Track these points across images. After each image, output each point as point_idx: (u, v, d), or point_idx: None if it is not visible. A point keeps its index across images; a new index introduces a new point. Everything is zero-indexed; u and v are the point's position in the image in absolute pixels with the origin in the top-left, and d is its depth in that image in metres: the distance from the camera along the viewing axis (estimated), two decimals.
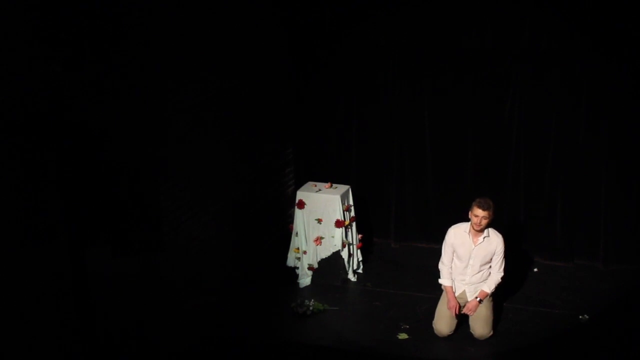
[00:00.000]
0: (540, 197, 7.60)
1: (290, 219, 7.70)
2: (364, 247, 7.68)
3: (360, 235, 7.58)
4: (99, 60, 5.12)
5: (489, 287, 6.34)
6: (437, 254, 7.89)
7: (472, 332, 6.35)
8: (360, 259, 7.60)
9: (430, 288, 7.23)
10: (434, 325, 6.43)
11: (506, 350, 6.26)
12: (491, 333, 6.33)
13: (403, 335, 6.46)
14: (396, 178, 7.99)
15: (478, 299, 6.32)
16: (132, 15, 5.30)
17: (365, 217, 7.99)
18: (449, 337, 6.39)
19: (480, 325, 6.31)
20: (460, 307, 6.35)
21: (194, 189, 6.40)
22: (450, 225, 7.90)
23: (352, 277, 7.44)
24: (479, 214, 6.18)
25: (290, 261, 7.56)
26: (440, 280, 6.47)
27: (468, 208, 7.82)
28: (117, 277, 5.53)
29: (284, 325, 6.66)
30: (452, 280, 6.44)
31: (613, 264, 7.51)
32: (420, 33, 7.50)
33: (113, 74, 5.19)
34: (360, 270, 7.59)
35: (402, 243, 8.17)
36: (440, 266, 6.49)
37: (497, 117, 7.52)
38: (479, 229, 6.24)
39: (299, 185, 7.74)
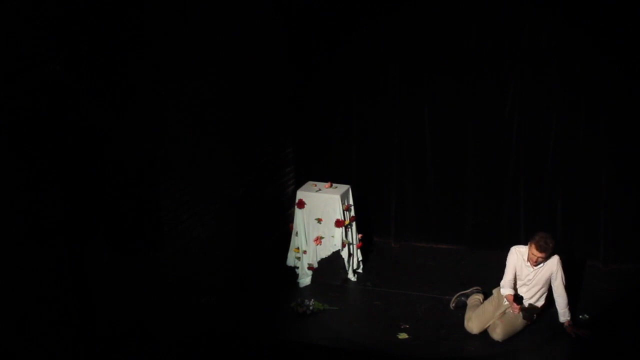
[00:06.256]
0: (540, 197, 7.60)
1: (290, 219, 7.71)
2: (364, 246, 7.69)
3: (360, 235, 7.58)
4: (99, 60, 5.13)
5: (566, 316, 6.38)
6: (437, 254, 7.97)
7: (489, 328, 6.37)
8: (360, 258, 7.60)
9: (430, 288, 7.25)
10: (467, 321, 6.46)
11: (506, 350, 6.27)
12: (501, 341, 6.34)
13: (403, 335, 6.46)
14: (396, 178, 7.99)
15: (568, 324, 6.38)
16: (132, 15, 5.30)
17: (365, 217, 7.99)
18: (447, 337, 6.41)
19: (505, 330, 6.32)
20: (519, 307, 6.39)
21: (194, 189, 6.40)
22: (450, 224, 8.00)
23: (352, 276, 7.44)
24: (535, 253, 6.22)
25: (290, 261, 7.56)
26: (502, 291, 6.48)
27: (468, 207, 7.89)
28: (117, 277, 5.54)
29: (284, 325, 6.66)
30: (513, 290, 6.48)
31: (613, 264, 7.51)
32: (420, 33, 7.50)
33: (113, 74, 5.20)
34: (360, 270, 7.60)
35: (402, 243, 8.17)
36: (502, 283, 6.50)
37: (497, 117, 7.51)
38: (534, 264, 6.30)
39: (299, 185, 7.74)
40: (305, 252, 7.37)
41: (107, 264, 5.45)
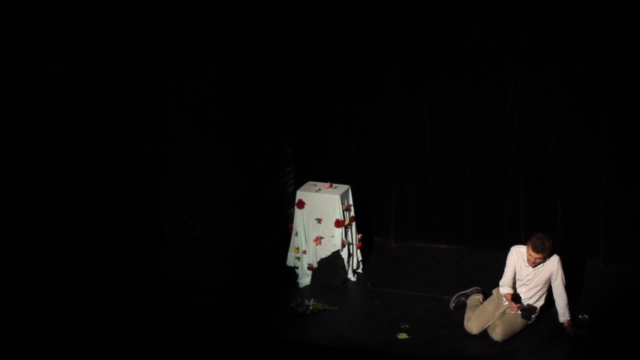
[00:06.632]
0: (540, 197, 7.60)
1: (290, 219, 7.71)
2: (364, 246, 7.69)
3: (360, 235, 7.58)
4: (99, 60, 5.13)
5: (566, 316, 6.39)
6: (437, 254, 7.97)
7: (489, 328, 6.37)
8: (360, 258, 7.60)
9: (430, 288, 7.25)
10: (466, 321, 6.46)
11: (506, 350, 6.27)
12: (500, 341, 6.35)
13: (403, 335, 6.46)
14: (396, 178, 7.99)
15: (568, 324, 6.39)
16: (132, 15, 5.30)
17: (365, 217, 7.99)
18: (447, 337, 6.42)
19: (505, 331, 6.31)
20: (518, 306, 6.39)
21: (194, 189, 6.40)
22: (450, 224, 8.00)
23: (352, 276, 7.44)
24: (532, 255, 6.22)
25: (290, 261, 7.56)
26: (500, 290, 6.48)
27: (468, 207, 7.89)
28: (117, 277, 5.54)
29: (284, 325, 6.66)
30: (512, 289, 6.47)
31: (613, 264, 7.51)
32: (420, 33, 7.50)
33: (113, 74, 5.20)
34: (360, 270, 7.60)
35: (402, 243, 8.17)
36: (501, 282, 6.49)
37: (497, 117, 7.51)
38: (532, 265, 6.30)
39: (299, 185, 7.74)
40: (305, 252, 7.37)
41: (107, 264, 5.45)
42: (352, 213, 7.47)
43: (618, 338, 6.34)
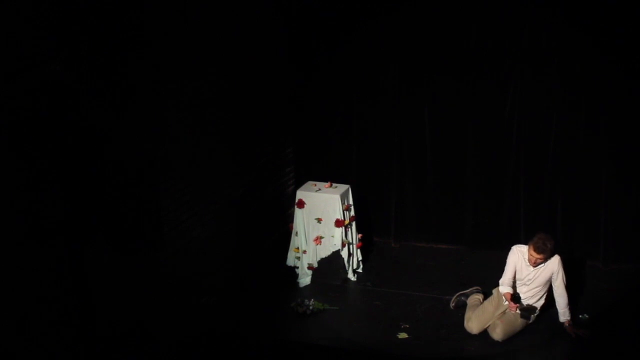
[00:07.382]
0: (540, 197, 7.60)
1: (290, 219, 7.71)
2: (364, 246, 7.69)
3: (360, 235, 7.58)
4: (99, 60, 5.13)
5: (566, 316, 6.40)
6: (437, 254, 7.97)
7: (489, 328, 6.38)
8: (360, 258, 7.60)
9: (430, 288, 7.25)
10: (466, 321, 6.46)
11: (506, 350, 6.27)
12: (500, 341, 6.35)
13: (403, 335, 6.47)
14: (396, 177, 7.99)
15: (568, 324, 6.40)
16: (132, 15, 5.30)
17: (365, 217, 7.99)
18: (447, 337, 6.42)
19: (505, 330, 6.32)
20: (517, 306, 6.39)
21: (194, 189, 6.40)
22: (450, 224, 8.00)
23: (352, 276, 7.44)
24: (534, 255, 6.24)
25: (290, 260, 7.56)
26: (500, 289, 6.48)
27: (468, 207, 7.89)
28: (117, 277, 5.54)
29: (284, 325, 6.66)
30: (512, 288, 6.47)
31: (613, 264, 7.51)
32: (420, 33, 7.50)
33: (113, 74, 5.20)
34: (360, 270, 7.60)
35: (402, 243, 8.17)
36: (501, 281, 6.49)
37: (497, 117, 7.51)
38: (533, 265, 6.31)
39: (299, 184, 7.74)
40: (305, 252, 7.37)
41: (107, 264, 5.45)
42: (352, 213, 7.48)
43: (618, 338, 6.34)
